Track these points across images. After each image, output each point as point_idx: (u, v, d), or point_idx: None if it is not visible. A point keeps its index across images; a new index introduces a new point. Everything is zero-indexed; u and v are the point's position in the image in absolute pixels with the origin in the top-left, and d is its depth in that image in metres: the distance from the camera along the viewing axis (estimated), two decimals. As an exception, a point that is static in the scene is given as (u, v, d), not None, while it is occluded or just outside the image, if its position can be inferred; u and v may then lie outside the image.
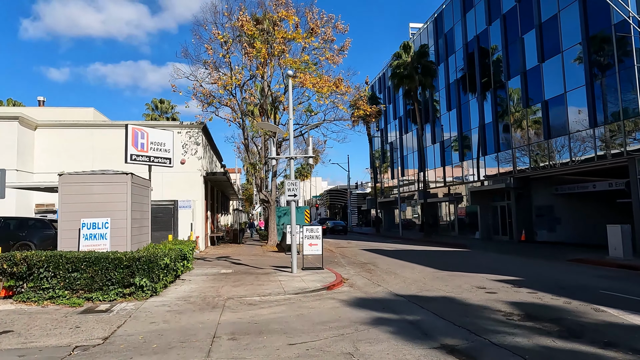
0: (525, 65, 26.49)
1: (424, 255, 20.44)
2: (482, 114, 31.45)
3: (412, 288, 10.87)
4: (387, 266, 15.81)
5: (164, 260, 9.58)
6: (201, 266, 15.57)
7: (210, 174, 24.52)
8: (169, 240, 13.61)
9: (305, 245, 14.35)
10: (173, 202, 21.24)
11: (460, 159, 34.81)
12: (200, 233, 23.10)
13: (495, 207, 31.32)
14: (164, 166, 15.36)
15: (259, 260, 18.00)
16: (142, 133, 14.02)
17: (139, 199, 11.85)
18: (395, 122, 49.33)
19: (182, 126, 23.26)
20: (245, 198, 76.95)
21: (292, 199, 13.46)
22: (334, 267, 15.48)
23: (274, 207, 26.70)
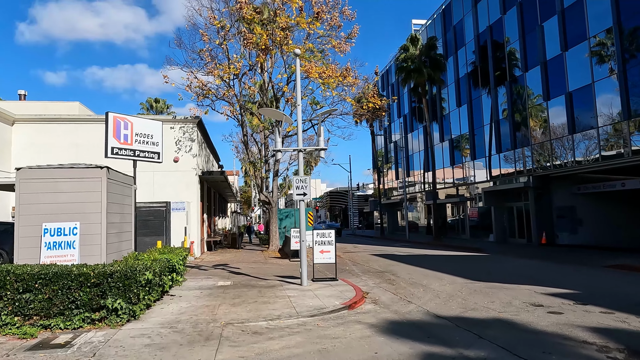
0: (545, 55, 24.61)
1: (443, 261, 18.47)
2: (495, 109, 29.56)
3: (452, 306, 8.88)
4: (408, 275, 13.82)
5: (145, 275, 7.57)
6: (195, 277, 13.55)
7: (206, 173, 22.52)
8: (156, 248, 11.60)
9: (315, 252, 12.36)
10: (165, 204, 19.23)
11: (471, 157, 32.89)
12: (195, 238, 21.09)
13: (511, 208, 29.39)
14: (152, 162, 13.36)
15: (261, 268, 16.00)
16: (125, 123, 12.06)
17: (119, 199, 9.85)
18: (399, 121, 47.42)
19: (175, 121, 21.26)
20: (243, 201, 74.96)
21: (302, 198, 11.48)
22: (348, 277, 13.49)
23: (275, 209, 24.71)
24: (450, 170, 37.03)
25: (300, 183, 11.47)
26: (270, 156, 26.53)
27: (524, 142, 26.64)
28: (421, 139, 42.52)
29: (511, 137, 27.77)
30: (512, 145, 27.70)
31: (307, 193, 11.49)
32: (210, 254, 23.51)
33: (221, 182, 25.72)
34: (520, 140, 27.16)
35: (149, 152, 12.79)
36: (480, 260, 18.34)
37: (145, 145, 12.67)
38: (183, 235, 19.30)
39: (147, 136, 12.69)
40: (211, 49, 20.14)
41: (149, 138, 12.77)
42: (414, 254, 22.72)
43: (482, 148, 31.66)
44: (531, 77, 25.93)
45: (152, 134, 12.88)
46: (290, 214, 29.97)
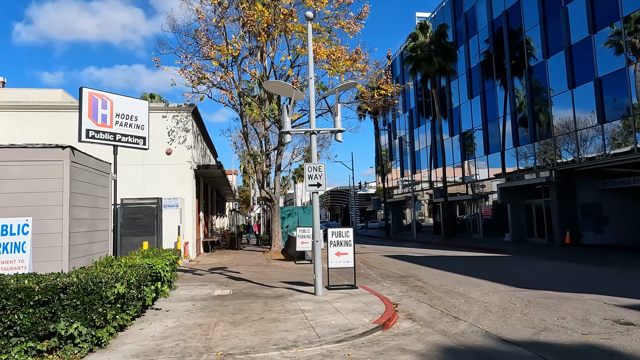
0: (570, 39, 22.71)
1: (466, 263, 16.54)
2: (512, 99, 27.63)
3: (515, 324, 6.94)
4: (436, 280, 11.87)
5: (115, 289, 5.60)
6: (189, 283, 11.58)
7: (202, 167, 20.54)
8: (140, 251, 9.61)
9: (330, 254, 10.39)
10: (156, 200, 17.24)
11: (485, 152, 30.96)
12: (190, 238, 19.11)
13: (529, 205, 27.48)
14: (136, 148, 11.37)
15: (264, 273, 14.03)
16: (103, 101, 10.10)
17: (89, 189, 7.88)
18: (405, 115, 45.49)
19: (168, 109, 19.28)
20: (242, 200, 73.01)
21: (315, 190, 9.52)
22: (368, 284, 11.53)
23: (277, 206, 22.75)
24: (460, 166, 35.11)
25: (313, 172, 9.51)
26: (273, 149, 24.57)
27: (545, 134, 24.73)
28: (429, 134, 40.60)
29: (530, 129, 25.85)
30: (531, 138, 25.78)
31: (322, 184, 9.54)
32: (207, 255, 21.53)
33: (219, 177, 23.75)
34: (540, 133, 25.25)
35: (132, 136, 10.81)
36: (508, 262, 16.41)
37: (128, 128, 10.69)
38: (176, 235, 17.32)
39: (130, 117, 10.71)
40: (207, 29, 18.15)
41: (133, 120, 10.79)
42: (430, 255, 20.79)
43: (497, 142, 29.74)
44: (553, 64, 24.02)
45: (137, 115, 10.90)
46: (293, 212, 28.01)
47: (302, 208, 28.52)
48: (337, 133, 9.77)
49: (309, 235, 17.21)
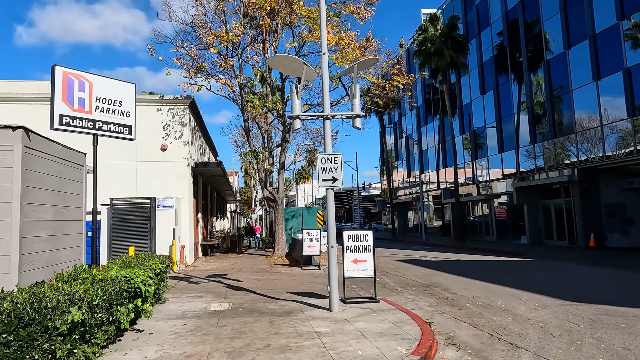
0: (594, 27, 21.18)
1: (492, 269, 14.99)
2: (529, 93, 26.10)
3: (595, 355, 5.40)
4: (466, 291, 10.34)
5: (70, 315, 4.09)
6: (182, 294, 10.06)
7: (200, 165, 19.03)
8: (122, 258, 8.08)
9: (347, 261, 8.87)
10: (149, 200, 15.75)
11: (498, 150, 29.41)
12: (187, 241, 17.60)
13: (547, 205, 25.92)
14: (120, 137, 9.86)
15: (268, 280, 12.51)
16: (81, 82, 8.61)
17: (54, 183, 6.39)
18: (412, 114, 43.97)
19: (163, 101, 17.79)
20: (243, 201, 71.57)
21: (329, 185, 8.00)
22: (388, 295, 10.00)
23: (281, 207, 21.23)
24: (470, 166, 33.58)
25: (327, 163, 7.99)
26: (276, 147, 23.06)
27: (566, 130, 23.18)
28: (436, 133, 39.10)
29: (549, 125, 24.31)
30: (550, 134, 24.22)
31: (338, 178, 8.02)
32: (206, 260, 20.02)
33: (219, 176, 22.25)
34: (560, 129, 23.70)
35: (116, 124, 9.31)
36: (536, 268, 14.85)
37: (111, 114, 9.19)
38: (172, 239, 15.80)
39: (113, 102, 9.21)
40: (205, 13, 16.66)
41: (116, 105, 9.29)
42: (446, 258, 19.25)
43: (511, 139, 28.20)
44: (575, 55, 22.49)
45: (121, 100, 9.40)
46: (297, 213, 26.51)
47: (307, 209, 27.00)
48: (355, 118, 8.25)
49: (316, 239, 15.71)
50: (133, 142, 17.63)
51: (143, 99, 17.67)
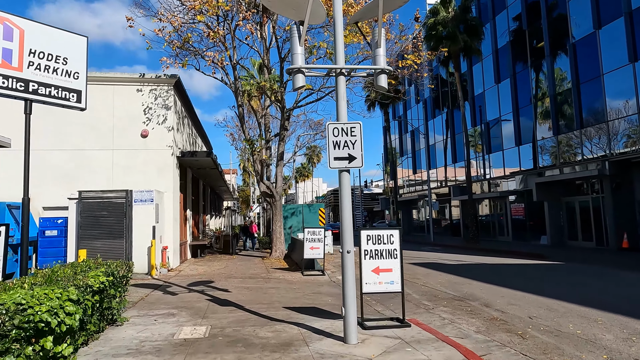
0: (630, 3, 18.93)
1: (525, 275, 12.74)
2: (551, 80, 23.84)
3: None
4: (515, 308, 8.08)
5: None
6: (149, 310, 7.81)
7: (187, 155, 16.76)
8: (46, 272, 5.76)
9: (365, 270, 6.60)
10: (125, 193, 13.48)
11: (516, 143, 27.15)
12: (171, 242, 15.33)
13: (571, 203, 23.68)
14: (64, 105, 7.55)
15: (262, 290, 10.25)
16: (7, 28, 6.33)
17: None
18: (418, 107, 41.72)
19: (144, 80, 15.51)
20: (241, 200, 69.33)
21: (345, 167, 5.75)
22: (415, 311, 7.73)
23: (279, 203, 18.96)
24: (482, 160, 31.33)
25: (341, 136, 5.74)
26: (274, 136, 20.78)
27: (595, 119, 20.92)
28: (445, 126, 36.87)
29: (576, 114, 22.04)
30: (577, 124, 21.96)
31: (357, 156, 5.76)
32: (195, 262, 17.76)
33: (210, 169, 19.97)
34: (588, 118, 21.45)
35: (58, 87, 7.03)
36: (575, 273, 12.61)
37: (52, 75, 6.92)
38: (150, 238, 13.52)
39: (55, 59, 6.94)
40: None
41: (60, 63, 7.01)
42: (465, 261, 17.01)
43: (530, 131, 25.97)
44: (607, 35, 20.22)
45: (67, 56, 7.12)
46: (297, 210, 24.26)
47: (308, 206, 24.76)
48: (379, 75, 5.99)
49: (319, 239, 13.46)
50: (108, 127, 15.45)
51: (120, 77, 15.38)
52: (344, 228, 5.71)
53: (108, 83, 15.23)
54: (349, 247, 5.68)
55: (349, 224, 5.72)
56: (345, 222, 5.71)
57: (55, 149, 14.78)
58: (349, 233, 5.70)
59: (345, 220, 5.71)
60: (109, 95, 15.23)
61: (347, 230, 5.70)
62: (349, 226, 5.71)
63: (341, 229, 5.76)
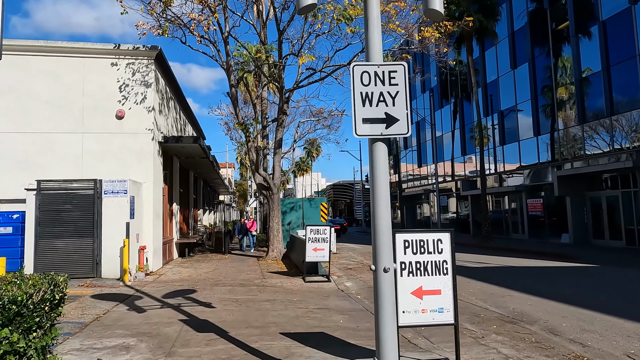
0: (674, -27, 16.79)
1: (569, 281, 10.67)
2: (577, 62, 21.68)
3: None
4: (600, 339, 6.00)
5: None
6: (98, 339, 5.68)
7: (171, 140, 14.58)
8: None
9: (402, 293, 4.47)
10: (92, 183, 11.34)
11: (534, 133, 25.04)
12: (150, 240, 13.19)
13: (597, 198, 21.61)
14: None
15: (254, 303, 8.13)
16: None
17: None
18: (424, 96, 39.56)
19: (119, 52, 13.30)
20: (238, 194, 67.24)
21: (378, 133, 3.60)
22: (465, 347, 5.61)
23: (277, 197, 16.85)
24: (494, 152, 29.23)
25: (376, 85, 3.60)
26: (271, 121, 18.62)
27: (628, 104, 18.80)
28: (452, 117, 34.76)
29: (606, 100, 19.91)
30: (607, 110, 19.83)
31: (400, 117, 3.62)
32: (181, 263, 15.65)
33: (200, 158, 17.80)
34: (619, 103, 19.33)
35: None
36: (627, 280, 10.55)
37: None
38: (123, 237, 11.36)
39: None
40: None
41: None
42: (488, 264, 14.95)
43: (549, 120, 23.88)
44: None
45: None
46: (297, 205, 22.12)
47: (309, 200, 22.64)
48: None
49: (324, 239, 11.34)
50: (78, 107, 13.25)
51: (92, 48, 13.17)
52: (379, 230, 3.57)
53: (77, 55, 13.03)
54: (386, 261, 3.55)
55: (386, 225, 3.58)
56: (381, 222, 3.57)
57: (14, 132, 12.61)
58: (386, 238, 3.57)
59: (381, 218, 3.57)
60: (79, 69, 13.04)
61: (382, 233, 3.56)
62: (385, 228, 3.58)
63: (373, 231, 3.62)
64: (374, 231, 3.60)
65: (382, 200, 3.58)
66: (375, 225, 3.58)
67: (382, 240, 3.55)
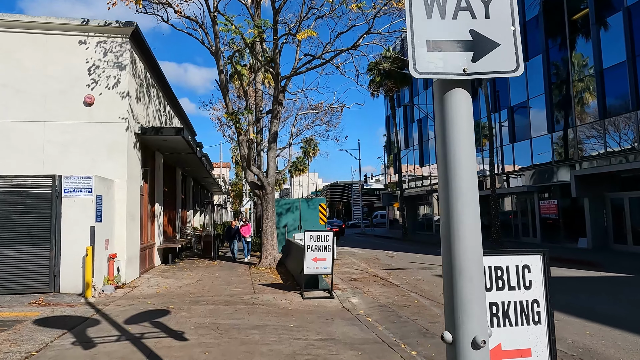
0: None
1: (619, 297, 8.95)
2: (597, 53, 20.01)
3: None
4: None
5: None
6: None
7: (150, 131, 12.73)
8: None
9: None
10: (50, 179, 9.53)
11: (548, 130, 23.37)
12: (123, 247, 11.34)
13: (619, 200, 19.95)
14: None
15: (239, 332, 6.34)
16: None
17: None
18: (427, 92, 37.87)
19: (88, 28, 11.47)
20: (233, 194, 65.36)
21: (464, 75, 1.83)
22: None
23: (271, 197, 15.05)
24: (501, 150, 27.57)
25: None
26: (265, 113, 16.83)
27: (658, 97, 17.16)
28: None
29: (632, 93, 18.25)
30: (632, 104, 18.16)
31: (502, 41, 1.84)
32: (162, 271, 13.82)
33: (186, 153, 15.99)
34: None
35: None
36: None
37: None
38: (87, 244, 9.52)
39: None
40: None
41: None
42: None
43: (564, 116, 22.23)
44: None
45: None
46: (294, 206, 20.35)
47: (306, 201, 20.86)
48: None
49: (326, 247, 9.58)
50: (39, 91, 11.40)
51: (56, 24, 11.32)
52: (460, 257, 1.79)
53: (39, 31, 11.19)
54: (476, 324, 1.77)
55: (474, 248, 1.81)
56: (463, 243, 1.80)
57: (-38, 119, 10.76)
58: (476, 276, 1.79)
59: (463, 237, 1.80)
60: (41, 47, 11.21)
61: (467, 267, 1.79)
62: (473, 254, 1.80)
63: (447, 259, 1.84)
64: (448, 259, 1.83)
65: (465, 198, 1.82)
66: (453, 249, 1.81)
67: (466, 280, 1.78)
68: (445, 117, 1.88)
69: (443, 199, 1.91)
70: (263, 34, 11.15)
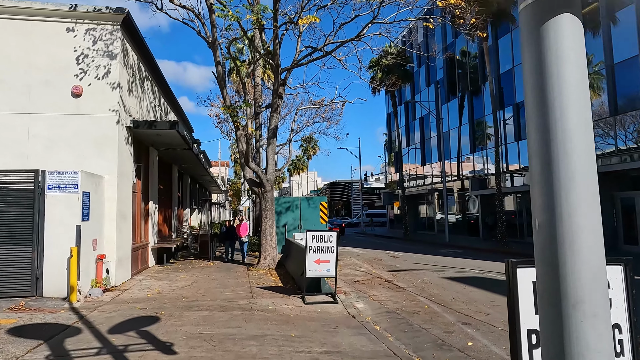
0: None
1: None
2: (608, 47, 19.37)
3: None
4: None
5: None
6: None
7: (143, 125, 12.04)
8: None
9: None
10: (32, 174, 8.85)
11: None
12: (113, 247, 10.65)
13: (629, 199, 19.33)
14: None
15: (235, 344, 5.67)
16: None
17: None
18: (429, 89, 37.21)
19: (75, 14, 10.77)
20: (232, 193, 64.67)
21: None
22: None
23: (271, 194, 14.37)
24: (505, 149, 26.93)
25: None
26: (264, 107, 16.15)
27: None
28: (460, 111, 32.46)
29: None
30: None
31: None
32: (156, 273, 13.14)
33: (182, 149, 15.31)
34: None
35: None
36: None
37: None
38: (72, 245, 8.84)
39: None
40: None
41: None
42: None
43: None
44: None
45: None
46: (294, 204, 19.68)
47: (307, 199, 20.19)
48: None
49: (329, 248, 8.92)
50: (23, 81, 10.68)
51: (40, 9, 10.61)
52: (578, 269, 1.13)
53: (23, 17, 10.50)
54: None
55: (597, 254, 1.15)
56: (585, 239, 1.14)
57: (-60, 111, 10.06)
58: (600, 293, 1.13)
59: (583, 224, 1.15)
60: (25, 34, 10.51)
61: (589, 273, 1.13)
62: (597, 262, 1.14)
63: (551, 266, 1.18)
64: (550, 282, 1.17)
65: (580, 188, 1.17)
66: (562, 267, 1.15)
67: (588, 316, 1.12)
68: (545, 60, 1.21)
69: (539, 189, 1.25)
70: (262, 19, 10.46)
